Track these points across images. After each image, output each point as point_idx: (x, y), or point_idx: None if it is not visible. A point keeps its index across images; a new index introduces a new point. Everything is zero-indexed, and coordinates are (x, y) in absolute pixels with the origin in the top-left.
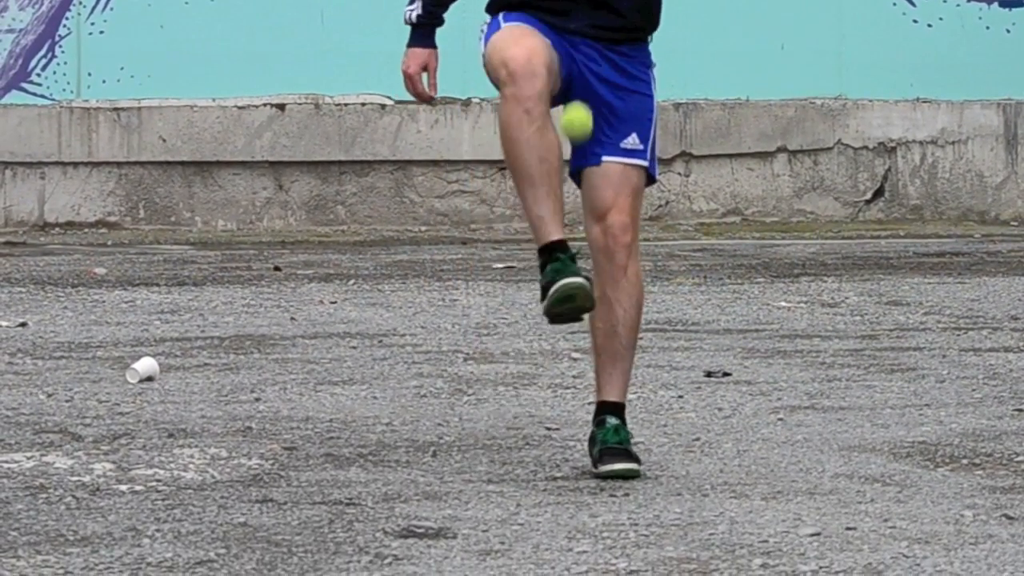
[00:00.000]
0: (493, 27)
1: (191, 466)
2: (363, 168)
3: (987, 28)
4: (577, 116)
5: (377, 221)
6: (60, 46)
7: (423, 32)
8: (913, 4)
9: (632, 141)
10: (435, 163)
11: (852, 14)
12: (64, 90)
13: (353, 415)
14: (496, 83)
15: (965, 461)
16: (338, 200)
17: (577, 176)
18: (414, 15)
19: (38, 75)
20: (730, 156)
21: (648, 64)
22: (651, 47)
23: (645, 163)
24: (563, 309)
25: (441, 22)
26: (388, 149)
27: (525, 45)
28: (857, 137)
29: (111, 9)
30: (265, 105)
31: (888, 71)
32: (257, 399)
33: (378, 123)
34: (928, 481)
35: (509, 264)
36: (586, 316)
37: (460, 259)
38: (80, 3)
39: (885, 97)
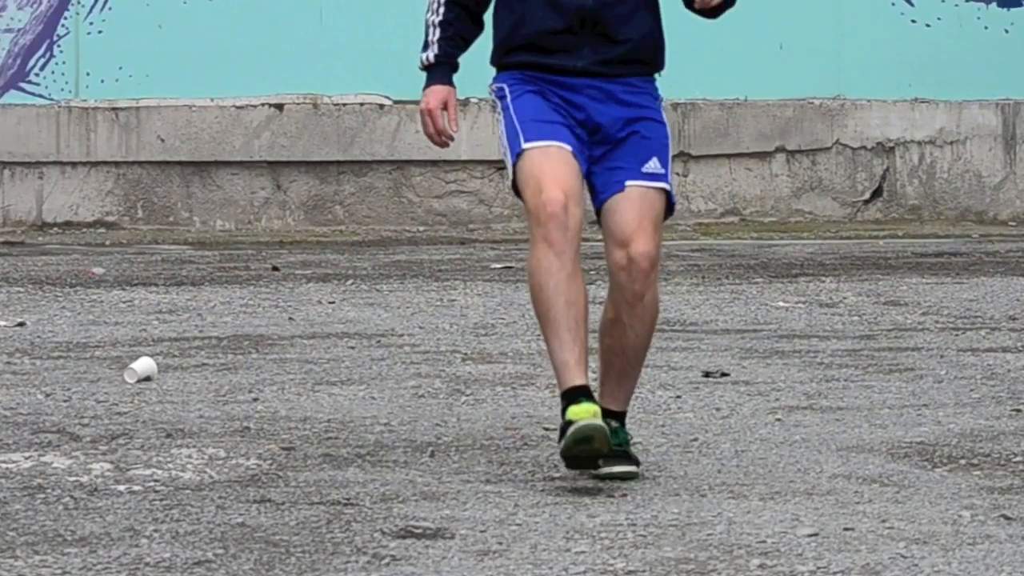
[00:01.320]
0: (507, 120)
1: (189, 466)
2: (361, 168)
3: (985, 28)
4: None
5: (375, 221)
6: (59, 46)
7: (440, 71)
8: (911, 4)
9: (653, 165)
10: (433, 163)
11: (851, 14)
12: (62, 90)
13: (351, 415)
14: (526, 211)
15: (963, 461)
16: (336, 200)
17: (599, 212)
18: (431, 55)
19: (36, 75)
20: (728, 156)
21: (656, 96)
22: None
23: (667, 186)
24: (580, 451)
25: (456, 67)
26: (386, 149)
27: (559, 181)
28: (855, 137)
29: (109, 9)
30: (263, 105)
31: (886, 71)
32: (255, 399)
33: (376, 123)
34: (926, 481)
35: (507, 264)
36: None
37: (458, 259)
38: (79, 3)
39: (883, 97)
